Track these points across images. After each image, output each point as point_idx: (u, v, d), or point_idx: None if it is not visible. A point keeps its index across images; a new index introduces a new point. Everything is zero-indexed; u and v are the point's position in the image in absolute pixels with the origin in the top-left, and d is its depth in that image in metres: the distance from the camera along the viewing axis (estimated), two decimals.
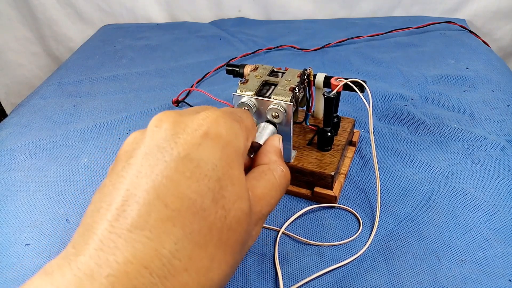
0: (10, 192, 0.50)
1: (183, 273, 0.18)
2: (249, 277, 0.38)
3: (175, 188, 0.19)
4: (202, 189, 0.19)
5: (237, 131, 0.22)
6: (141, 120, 0.63)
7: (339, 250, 0.40)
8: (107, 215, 0.18)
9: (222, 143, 0.21)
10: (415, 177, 0.48)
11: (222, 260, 0.20)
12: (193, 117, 0.22)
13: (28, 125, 0.64)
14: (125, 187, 0.19)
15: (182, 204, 0.19)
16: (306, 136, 0.49)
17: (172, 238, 0.18)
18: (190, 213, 0.19)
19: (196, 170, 0.19)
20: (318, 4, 0.99)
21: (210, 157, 0.20)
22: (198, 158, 0.20)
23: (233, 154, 0.21)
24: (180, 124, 0.21)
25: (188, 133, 0.21)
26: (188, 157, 0.20)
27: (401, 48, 0.80)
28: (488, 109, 0.59)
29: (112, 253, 0.17)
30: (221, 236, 0.20)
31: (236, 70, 0.48)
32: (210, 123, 0.21)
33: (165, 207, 0.18)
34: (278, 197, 0.26)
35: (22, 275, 0.40)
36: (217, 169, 0.20)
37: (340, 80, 0.44)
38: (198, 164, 0.20)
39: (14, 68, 1.06)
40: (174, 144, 0.20)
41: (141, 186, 0.19)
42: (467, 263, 0.38)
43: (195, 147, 0.20)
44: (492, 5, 0.92)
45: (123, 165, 0.20)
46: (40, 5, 1.00)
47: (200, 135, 0.21)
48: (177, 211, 0.18)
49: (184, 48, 0.88)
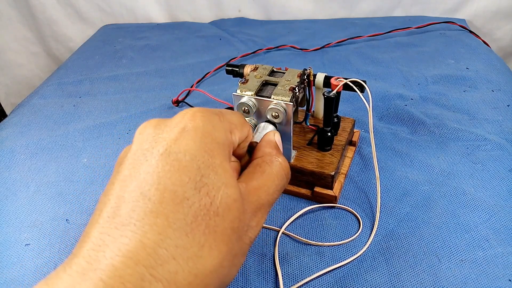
0: (10, 192, 0.50)
1: (170, 261, 0.18)
2: (249, 277, 0.38)
3: (157, 182, 0.20)
4: (183, 179, 0.20)
5: (215, 123, 0.23)
6: (141, 120, 0.63)
7: (339, 250, 0.40)
8: (99, 220, 0.19)
9: (200, 134, 0.22)
10: (415, 177, 0.48)
11: (213, 247, 0.20)
12: (173, 118, 0.23)
13: (28, 125, 0.64)
14: (115, 192, 0.20)
15: (164, 196, 0.19)
16: (306, 136, 0.49)
17: (155, 229, 0.19)
18: (172, 203, 0.19)
19: (175, 163, 0.20)
20: (318, 4, 0.99)
21: (188, 149, 0.21)
22: (177, 151, 0.21)
23: (212, 143, 0.22)
24: (161, 126, 0.23)
25: (167, 132, 0.22)
26: (167, 152, 0.21)
27: (401, 48, 0.80)
28: (488, 109, 0.59)
29: (101, 250, 0.18)
30: (208, 223, 0.20)
31: (236, 70, 0.48)
32: (188, 119, 0.22)
33: (148, 201, 0.19)
34: (277, 187, 0.26)
35: (22, 275, 0.40)
36: (196, 159, 0.21)
37: (340, 80, 0.44)
38: (177, 157, 0.21)
39: (14, 68, 1.06)
40: (154, 143, 0.21)
41: (128, 188, 0.20)
42: (467, 263, 0.38)
43: (173, 142, 0.21)
44: (492, 5, 0.92)
45: (114, 175, 0.22)
46: (40, 5, 1.00)
47: (178, 131, 0.22)
48: (159, 203, 0.19)
49: (184, 48, 0.88)
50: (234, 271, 0.23)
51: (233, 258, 0.22)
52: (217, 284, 0.21)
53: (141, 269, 0.18)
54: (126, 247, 0.18)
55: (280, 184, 0.27)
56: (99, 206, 0.20)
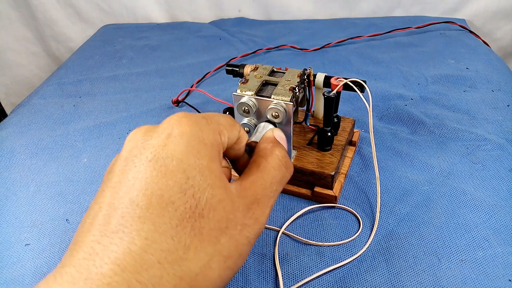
0: (10, 192, 0.50)
1: (155, 265, 0.19)
2: (249, 277, 0.38)
3: (144, 188, 0.20)
4: (169, 183, 0.20)
5: (202, 125, 0.23)
6: (141, 120, 0.63)
7: (339, 250, 0.40)
8: (90, 229, 0.20)
9: (186, 138, 0.22)
10: (415, 177, 0.48)
11: (198, 248, 0.20)
12: (160, 124, 0.23)
13: (28, 125, 0.64)
14: (106, 200, 0.20)
15: (151, 201, 0.20)
16: (306, 136, 0.49)
17: (142, 234, 0.19)
18: (159, 208, 0.20)
19: (163, 168, 0.21)
20: (318, 4, 0.99)
21: (174, 153, 0.21)
22: (164, 156, 0.21)
23: (199, 145, 0.22)
24: (149, 132, 0.23)
25: (155, 138, 0.22)
26: (155, 158, 0.21)
27: (401, 48, 0.80)
28: (488, 109, 0.59)
29: (92, 259, 0.18)
30: (194, 225, 0.20)
31: (236, 70, 0.48)
32: (174, 124, 0.23)
33: (136, 207, 0.20)
34: (274, 178, 0.26)
35: (22, 275, 0.40)
36: (182, 163, 0.21)
37: (340, 80, 0.44)
38: (164, 162, 0.21)
39: (14, 68, 1.06)
40: (143, 150, 0.22)
41: (118, 195, 0.20)
42: (467, 263, 0.38)
43: (160, 148, 0.21)
44: (492, 5, 0.92)
45: (104, 182, 0.22)
46: (40, 5, 1.00)
47: (165, 137, 0.22)
48: (146, 209, 0.20)
49: (184, 48, 0.88)
50: (229, 273, 0.22)
51: (225, 260, 0.22)
52: (208, 286, 0.21)
53: (127, 275, 0.18)
54: (115, 254, 0.18)
55: (279, 175, 0.26)
56: (90, 213, 0.21)
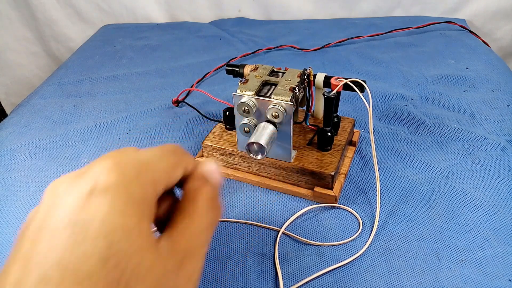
0: (10, 192, 0.50)
1: None
2: (249, 277, 0.38)
3: (57, 260, 0.17)
4: (87, 253, 0.17)
5: (131, 178, 0.20)
6: (141, 120, 0.63)
7: (339, 250, 0.40)
8: None
9: (111, 194, 0.19)
10: (415, 177, 0.48)
11: None
12: (86, 172, 0.20)
13: (28, 125, 0.64)
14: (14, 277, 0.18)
15: (64, 277, 0.17)
16: (306, 136, 0.49)
17: None
18: (73, 284, 0.17)
19: (81, 234, 0.18)
20: (318, 4, 0.99)
21: (96, 215, 0.18)
22: (84, 219, 0.18)
23: (126, 203, 0.19)
24: (71, 185, 0.20)
25: (75, 194, 0.19)
26: (73, 222, 0.18)
27: (401, 48, 0.80)
28: (488, 109, 0.59)
29: None
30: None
31: (236, 70, 0.48)
32: (100, 174, 0.20)
33: (48, 283, 0.17)
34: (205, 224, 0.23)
35: None
36: (104, 225, 0.18)
37: (340, 80, 0.44)
38: (83, 227, 0.18)
39: (14, 68, 1.07)
40: (61, 210, 0.19)
41: (26, 268, 0.18)
42: (467, 263, 0.38)
43: (80, 210, 0.19)
44: (492, 5, 0.92)
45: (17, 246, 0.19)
46: (40, 5, 1.00)
47: (86, 195, 0.19)
48: (58, 286, 0.17)
49: (184, 48, 0.88)
50: None
51: None
52: None
53: None
54: None
55: (207, 220, 0.23)
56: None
